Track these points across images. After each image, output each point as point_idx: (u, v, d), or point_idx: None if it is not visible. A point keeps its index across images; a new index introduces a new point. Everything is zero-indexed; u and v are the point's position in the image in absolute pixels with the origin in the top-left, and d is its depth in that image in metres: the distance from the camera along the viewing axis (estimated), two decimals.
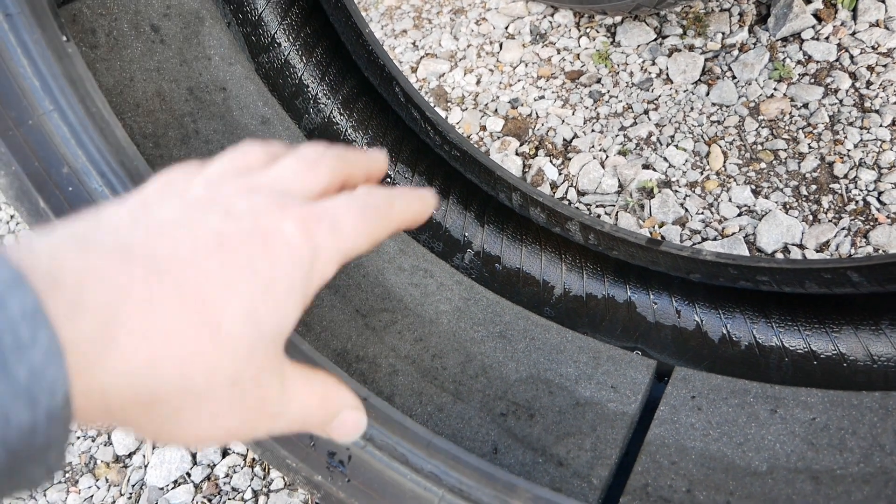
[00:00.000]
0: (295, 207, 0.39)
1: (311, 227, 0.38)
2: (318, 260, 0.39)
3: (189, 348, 0.33)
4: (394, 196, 0.45)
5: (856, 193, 1.20)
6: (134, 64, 0.80)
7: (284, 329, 0.38)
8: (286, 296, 0.37)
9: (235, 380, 0.36)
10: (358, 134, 1.03)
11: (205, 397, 0.35)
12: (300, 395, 0.41)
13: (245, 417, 0.38)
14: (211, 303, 0.34)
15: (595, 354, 0.84)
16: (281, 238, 0.37)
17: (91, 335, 0.30)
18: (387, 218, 0.44)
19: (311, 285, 0.39)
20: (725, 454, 0.71)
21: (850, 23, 1.41)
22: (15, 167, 0.61)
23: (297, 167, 0.42)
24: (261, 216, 0.37)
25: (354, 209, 0.41)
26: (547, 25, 1.67)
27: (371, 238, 0.42)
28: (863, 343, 0.78)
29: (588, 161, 1.38)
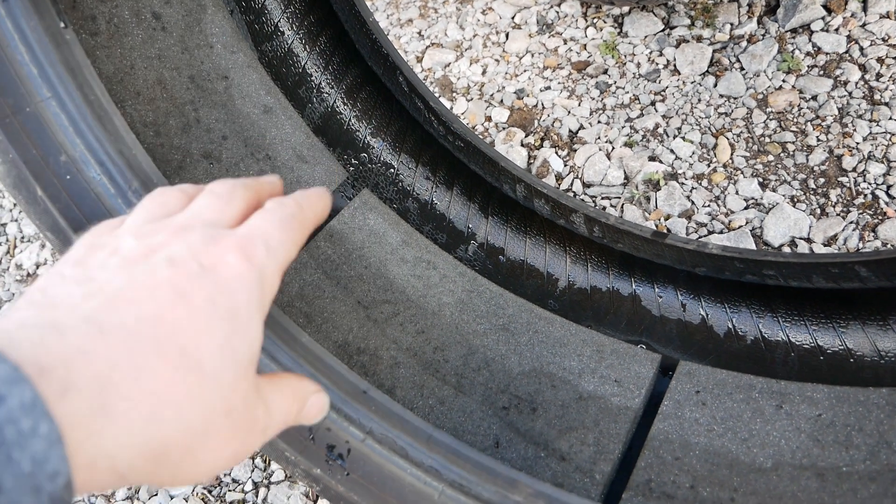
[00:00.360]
0: (228, 238, 0.42)
1: (249, 251, 0.41)
2: (265, 278, 0.42)
3: (181, 395, 0.36)
4: (299, 201, 0.49)
5: (864, 187, 1.19)
6: (135, 51, 0.79)
7: (256, 350, 0.41)
8: (249, 321, 0.40)
9: (228, 410, 0.39)
10: (361, 124, 1.02)
11: (206, 434, 0.38)
12: (278, 403, 0.45)
13: (243, 440, 0.41)
14: (189, 349, 0.37)
15: (599, 348, 0.84)
16: (228, 270, 0.40)
17: (87, 411, 0.32)
18: (303, 222, 0.48)
19: (265, 303, 0.42)
20: (730, 450, 0.70)
21: (860, 14, 1.39)
22: (12, 155, 0.60)
23: (214, 202, 0.46)
24: (201, 255, 0.40)
25: (276, 223, 0.45)
26: (554, 16, 1.66)
27: (297, 244, 0.47)
28: (870, 338, 0.77)
29: (594, 153, 1.37)
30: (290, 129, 0.91)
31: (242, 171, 0.84)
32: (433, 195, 1.01)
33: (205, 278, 0.39)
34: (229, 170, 0.83)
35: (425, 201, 1.01)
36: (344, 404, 0.65)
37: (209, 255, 0.40)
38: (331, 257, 0.87)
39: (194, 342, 0.37)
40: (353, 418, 0.64)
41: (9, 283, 1.47)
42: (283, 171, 0.89)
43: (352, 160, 1.01)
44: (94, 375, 0.33)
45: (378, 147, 1.02)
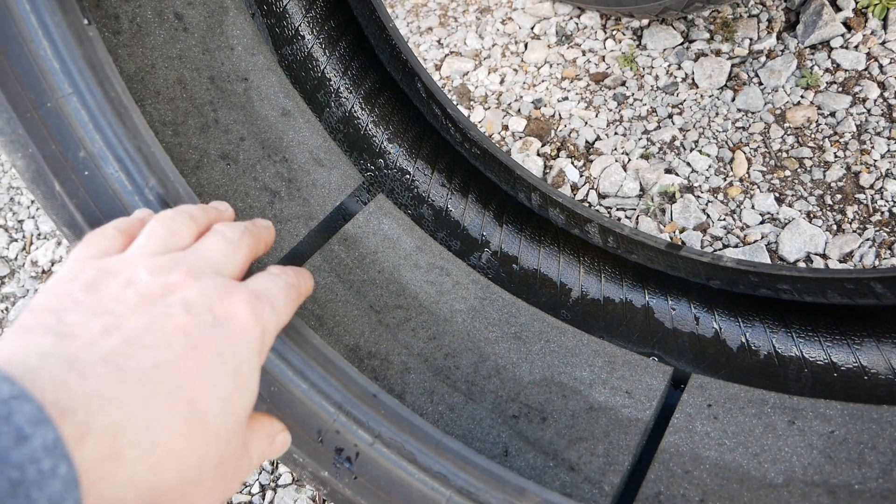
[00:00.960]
0: (241, 291, 0.44)
1: (257, 308, 0.44)
2: (266, 336, 0.45)
3: (183, 446, 0.37)
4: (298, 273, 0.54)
5: (881, 204, 1.18)
6: (156, 51, 0.80)
7: (252, 405, 0.43)
8: (250, 376, 0.42)
9: (220, 461, 0.40)
10: (379, 129, 1.03)
11: (198, 483, 0.39)
12: (256, 446, 0.48)
13: (228, 486, 0.43)
14: (197, 402, 0.38)
15: (610, 359, 0.83)
16: (237, 324, 0.42)
17: (101, 456, 0.33)
18: (299, 293, 0.52)
19: (263, 358, 0.45)
20: (741, 465, 0.69)
21: (880, 32, 1.38)
22: (32, 149, 0.61)
23: (223, 247, 0.48)
24: (215, 305, 0.42)
25: (282, 288, 0.48)
26: (573, 27, 1.66)
27: (292, 312, 0.50)
28: (885, 356, 0.76)
29: (610, 164, 1.36)
30: (308, 132, 0.91)
31: (259, 172, 0.84)
32: (448, 202, 1.01)
33: (216, 330, 0.40)
34: (246, 171, 0.84)
35: (440, 208, 1.01)
36: (353, 407, 0.64)
37: (222, 306, 0.42)
38: (344, 261, 0.87)
39: (202, 396, 0.38)
40: (362, 422, 0.64)
41: (24, 280, 1.49)
42: (300, 174, 0.89)
43: (368, 165, 1.01)
44: (110, 422, 0.34)
45: (394, 152, 1.02)
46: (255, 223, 0.56)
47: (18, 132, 0.61)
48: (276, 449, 0.54)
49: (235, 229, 0.51)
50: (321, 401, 0.64)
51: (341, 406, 0.64)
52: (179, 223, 0.49)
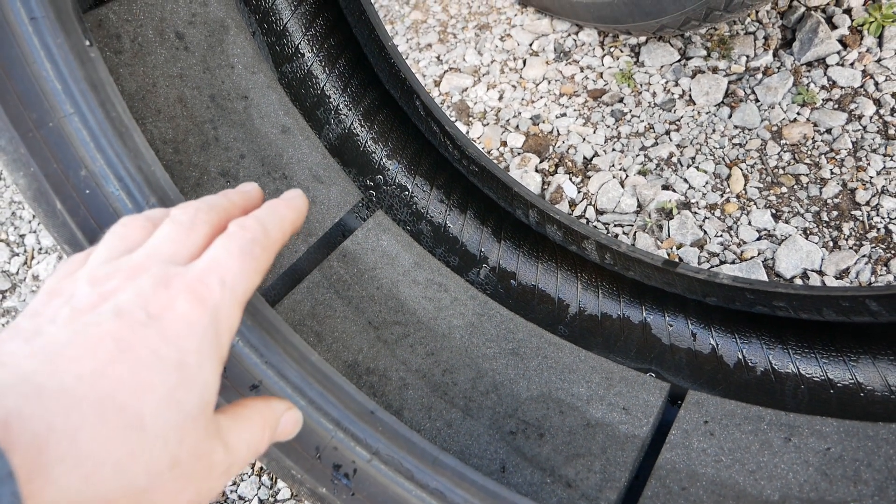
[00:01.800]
0: (179, 278, 0.40)
1: (201, 292, 0.40)
2: (220, 317, 0.41)
3: (120, 454, 0.35)
4: (264, 218, 0.46)
5: (877, 221, 1.18)
6: (157, 70, 0.81)
7: (209, 397, 0.40)
8: (199, 368, 0.39)
9: (174, 463, 0.38)
10: (378, 146, 1.03)
11: (152, 490, 0.37)
12: (243, 437, 0.44)
13: (198, 488, 0.40)
14: (129, 406, 0.36)
15: (608, 375, 0.84)
16: (176, 317, 0.39)
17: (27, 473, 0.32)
18: (266, 245, 0.45)
19: (222, 343, 0.41)
20: (737, 481, 0.70)
21: (875, 49, 1.39)
22: (34, 168, 0.61)
23: (174, 232, 0.44)
24: (150, 301, 0.39)
25: (234, 252, 0.43)
26: (571, 43, 1.67)
27: (261, 271, 0.44)
28: (881, 373, 0.76)
29: (608, 180, 1.37)
30: (307, 149, 0.92)
31: None
32: (447, 218, 1.02)
33: (150, 328, 0.38)
34: None
35: (439, 224, 1.02)
36: (351, 424, 0.65)
37: (158, 301, 0.39)
38: (343, 277, 0.87)
39: (134, 399, 0.36)
40: (359, 438, 0.64)
41: (25, 294, 1.49)
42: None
43: (367, 182, 1.02)
44: (31, 438, 0.33)
45: (393, 169, 1.03)
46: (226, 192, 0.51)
47: (20, 151, 0.62)
48: (286, 431, 0.50)
49: (189, 208, 0.46)
50: (319, 417, 0.64)
51: (339, 423, 0.64)
52: (132, 226, 0.46)
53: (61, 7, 0.64)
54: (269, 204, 0.50)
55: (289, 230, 0.49)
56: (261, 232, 0.45)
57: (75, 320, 0.38)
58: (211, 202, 0.48)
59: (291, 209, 0.50)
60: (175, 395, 0.38)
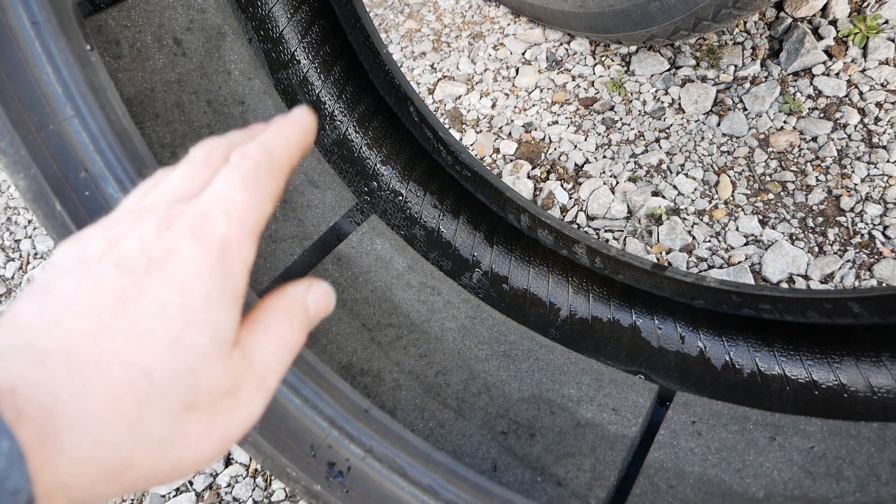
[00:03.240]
0: (182, 218, 0.39)
1: (205, 230, 0.38)
2: (229, 253, 0.39)
3: (130, 410, 0.34)
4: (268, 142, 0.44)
5: (861, 227, 1.20)
6: (155, 75, 0.82)
7: (224, 334, 0.38)
8: (207, 309, 0.38)
9: (191, 407, 0.37)
10: (372, 152, 1.05)
11: (174, 436, 0.36)
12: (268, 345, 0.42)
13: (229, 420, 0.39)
14: (133, 360, 0.35)
15: (598, 376, 0.85)
16: (180, 258, 0.37)
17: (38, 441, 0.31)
18: (273, 170, 0.43)
19: (234, 278, 0.39)
20: (723, 480, 0.71)
21: (860, 60, 1.42)
22: (34, 170, 0.62)
23: (188, 171, 0.42)
24: (152, 246, 0.37)
25: (237, 182, 0.40)
26: (563, 53, 1.69)
27: (271, 197, 0.42)
28: (864, 374, 0.78)
29: (598, 186, 1.39)
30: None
31: None
32: (440, 223, 1.03)
33: (152, 276, 0.37)
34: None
35: (432, 229, 1.03)
36: (346, 423, 0.66)
37: (161, 244, 0.37)
38: (337, 280, 0.89)
39: (139, 352, 0.35)
40: (354, 436, 0.65)
41: None
42: (295, 195, 0.91)
43: (362, 186, 1.03)
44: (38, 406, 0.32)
45: (388, 175, 1.04)
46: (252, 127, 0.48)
47: (21, 153, 0.63)
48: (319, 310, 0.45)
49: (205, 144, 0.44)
50: (314, 416, 0.65)
51: (334, 421, 0.65)
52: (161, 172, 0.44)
53: (63, 11, 0.65)
54: (275, 125, 0.46)
55: (296, 151, 0.46)
56: (264, 157, 0.43)
57: (82, 271, 0.37)
58: (231, 137, 0.45)
59: (297, 129, 0.46)
60: (182, 340, 0.37)
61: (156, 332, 0.36)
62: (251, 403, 0.40)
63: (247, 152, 0.42)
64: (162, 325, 0.36)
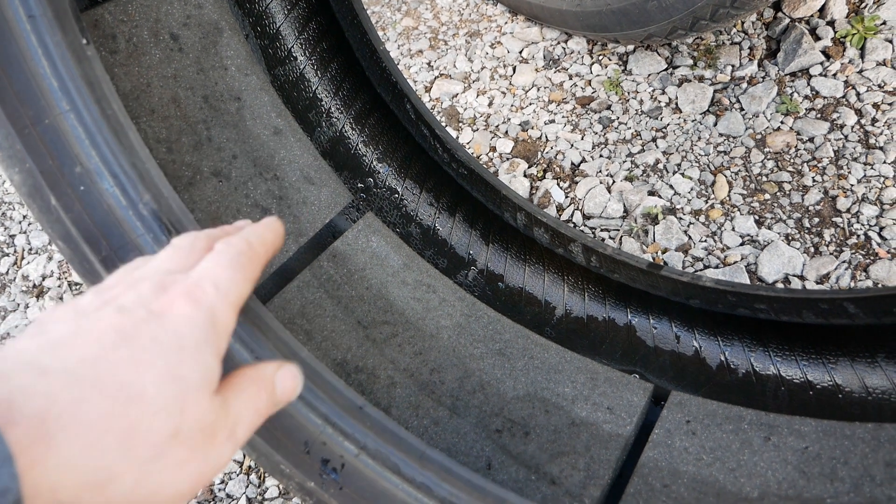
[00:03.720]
0: (177, 285, 0.44)
1: (197, 295, 0.43)
2: (216, 317, 0.44)
3: (122, 425, 0.37)
4: (247, 238, 0.51)
5: (857, 228, 1.21)
6: (152, 70, 0.82)
7: (209, 377, 0.42)
8: (198, 351, 0.41)
9: (175, 433, 0.39)
10: (368, 149, 1.05)
11: (155, 461, 0.38)
12: (243, 403, 0.46)
13: (204, 456, 0.42)
14: (130, 382, 0.38)
15: (592, 375, 0.85)
16: (175, 314, 0.42)
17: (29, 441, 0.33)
18: (252, 258, 0.49)
19: (219, 339, 0.44)
20: (717, 479, 0.71)
21: (857, 61, 1.42)
22: (29, 164, 0.62)
23: (173, 254, 0.48)
24: (150, 302, 0.42)
25: (224, 264, 0.46)
26: (560, 51, 1.69)
27: (250, 280, 0.48)
28: (858, 375, 0.78)
29: (595, 185, 1.39)
30: (299, 151, 0.93)
31: (251, 189, 0.86)
32: (436, 221, 1.03)
33: (150, 322, 0.40)
34: (238, 188, 0.85)
35: (428, 226, 1.03)
36: (340, 419, 0.65)
37: (158, 302, 0.42)
38: (333, 277, 0.88)
39: (135, 375, 0.38)
40: (348, 433, 0.65)
41: (15, 294, 1.49)
42: (290, 192, 0.91)
43: (358, 184, 1.03)
44: (34, 410, 0.34)
45: (384, 172, 1.04)
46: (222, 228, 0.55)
47: (16, 147, 0.63)
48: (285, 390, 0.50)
49: (188, 236, 0.51)
50: (308, 413, 0.64)
51: (328, 418, 0.65)
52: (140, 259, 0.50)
53: (59, 5, 0.64)
54: (251, 226, 0.54)
55: (270, 247, 0.53)
56: (246, 246, 0.49)
57: (78, 319, 0.40)
58: (209, 232, 0.52)
59: (270, 230, 0.54)
60: (176, 371, 0.40)
61: (153, 362, 0.39)
62: (224, 447, 0.43)
63: (230, 241, 0.49)
64: (158, 357, 0.39)
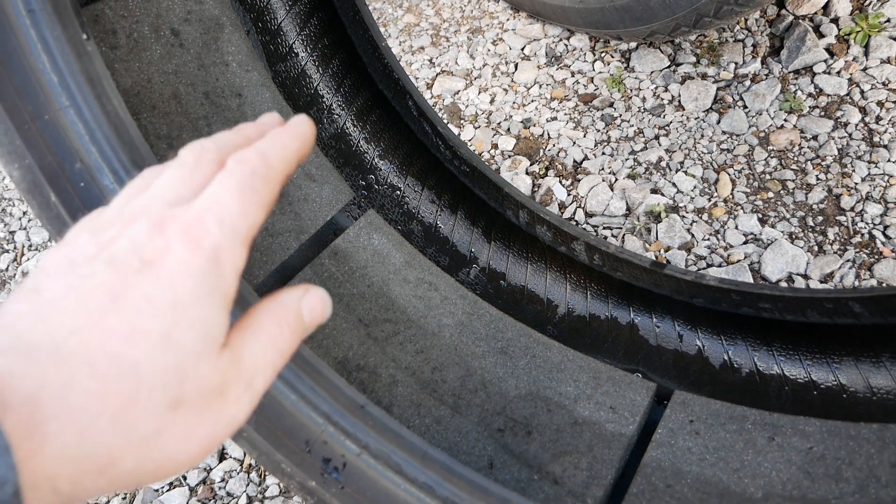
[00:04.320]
0: (175, 221, 0.39)
1: (197, 234, 0.38)
2: (221, 258, 0.39)
3: (117, 403, 0.34)
4: (266, 149, 0.44)
5: (862, 226, 1.20)
6: (152, 66, 0.81)
7: (213, 332, 0.38)
8: (196, 307, 0.38)
9: (177, 403, 0.37)
10: (370, 146, 1.04)
11: (159, 433, 0.36)
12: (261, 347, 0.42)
13: (215, 419, 0.39)
14: (122, 355, 0.35)
15: (595, 374, 0.84)
16: (171, 259, 0.38)
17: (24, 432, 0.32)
18: (268, 176, 0.43)
19: (225, 282, 0.39)
20: (721, 479, 0.71)
21: (861, 58, 1.41)
22: (28, 160, 0.62)
23: (178, 174, 0.42)
24: (144, 247, 0.38)
25: (234, 190, 0.40)
26: (562, 48, 1.68)
27: (264, 205, 0.42)
28: (863, 375, 0.78)
29: (597, 183, 1.38)
30: None
31: None
32: (438, 218, 1.03)
33: (143, 275, 0.37)
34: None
35: (430, 224, 1.03)
36: (342, 419, 0.65)
37: (152, 246, 0.38)
38: (334, 275, 0.88)
39: (127, 347, 0.35)
40: (349, 432, 0.65)
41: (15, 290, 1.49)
42: (291, 189, 0.90)
43: (359, 181, 1.02)
44: (24, 397, 0.32)
45: (385, 169, 1.04)
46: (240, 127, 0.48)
47: (16, 143, 0.62)
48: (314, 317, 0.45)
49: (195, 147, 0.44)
50: (310, 412, 0.64)
51: (330, 417, 0.64)
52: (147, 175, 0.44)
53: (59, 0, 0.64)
54: (273, 133, 0.46)
55: (293, 159, 0.46)
56: (261, 163, 0.43)
57: (71, 272, 0.37)
58: (220, 138, 0.45)
59: (296, 137, 0.46)
60: (171, 336, 0.37)
61: (145, 328, 0.36)
62: (238, 404, 0.40)
63: (243, 157, 0.42)
64: (151, 321, 0.36)
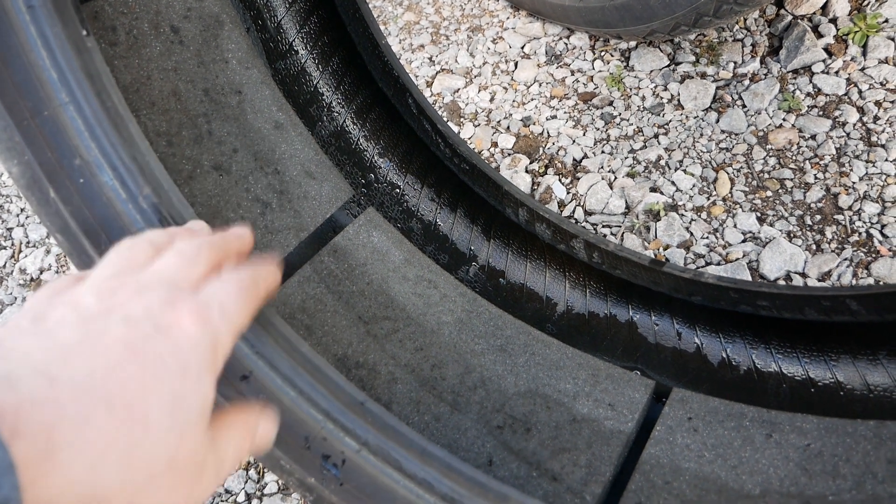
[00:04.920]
0: (186, 301, 0.43)
1: (204, 316, 0.43)
2: (218, 342, 0.44)
3: (124, 446, 0.37)
4: (255, 272, 0.51)
5: (859, 225, 1.20)
6: (152, 63, 0.81)
7: (206, 406, 0.42)
8: (199, 379, 0.41)
9: (171, 463, 0.39)
10: (370, 143, 1.04)
11: (148, 485, 0.38)
12: (231, 444, 0.47)
13: (190, 488, 0.42)
14: (136, 404, 0.38)
15: (594, 372, 0.85)
16: (181, 332, 0.41)
17: (34, 455, 0.33)
18: (256, 294, 0.50)
19: (217, 365, 0.44)
20: (719, 476, 0.71)
21: (859, 58, 1.41)
22: (28, 156, 0.62)
23: (179, 262, 0.47)
24: (157, 316, 0.41)
25: (233, 291, 0.47)
26: (562, 47, 1.69)
27: (250, 312, 0.48)
28: (860, 372, 0.78)
29: (596, 181, 1.39)
30: (300, 145, 0.93)
31: (251, 183, 0.86)
32: (437, 216, 1.03)
33: (158, 338, 0.40)
34: (238, 182, 0.85)
35: (429, 222, 1.03)
36: (341, 415, 0.65)
37: (165, 317, 0.41)
38: (334, 272, 0.88)
39: (142, 398, 0.38)
40: (349, 429, 0.65)
41: (12, 288, 1.49)
42: (291, 186, 0.90)
43: (359, 178, 1.02)
44: (41, 423, 0.34)
45: (385, 167, 1.04)
46: (224, 234, 0.55)
47: (15, 139, 0.62)
48: (259, 444, 0.52)
49: (193, 244, 0.50)
50: (309, 408, 0.64)
51: (329, 413, 0.64)
52: (137, 249, 0.49)
53: None
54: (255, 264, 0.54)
55: (271, 290, 0.54)
56: (252, 282, 0.50)
57: (84, 325, 0.40)
58: (213, 242, 0.52)
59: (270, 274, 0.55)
60: (179, 399, 0.40)
61: (159, 387, 0.39)
62: (208, 484, 0.44)
63: (241, 274, 0.50)
64: (164, 381, 0.39)
